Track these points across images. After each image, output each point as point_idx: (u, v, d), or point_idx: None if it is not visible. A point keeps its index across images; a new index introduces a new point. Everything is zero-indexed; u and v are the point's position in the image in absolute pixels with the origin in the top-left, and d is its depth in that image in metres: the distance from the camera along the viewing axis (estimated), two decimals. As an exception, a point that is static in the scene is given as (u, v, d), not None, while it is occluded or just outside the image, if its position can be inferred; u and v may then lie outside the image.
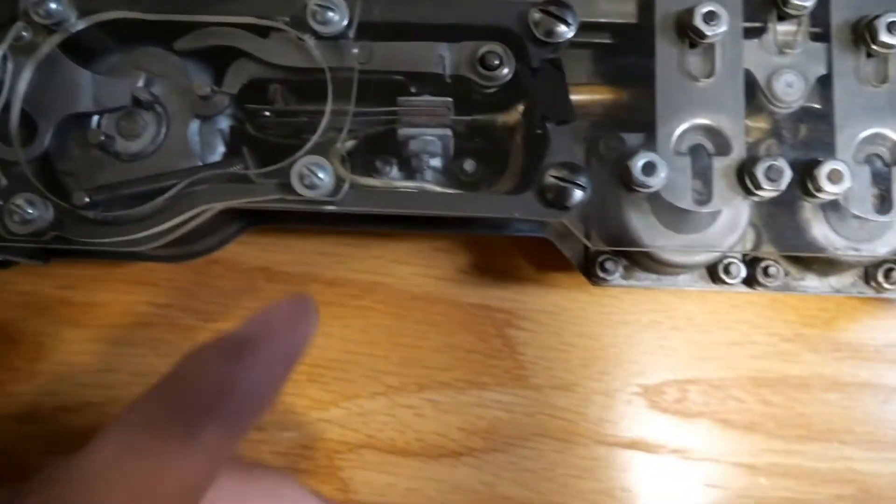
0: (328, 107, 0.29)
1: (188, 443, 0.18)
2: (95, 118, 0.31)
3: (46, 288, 0.40)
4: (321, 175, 0.28)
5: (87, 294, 0.40)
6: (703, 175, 0.29)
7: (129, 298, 0.40)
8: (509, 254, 0.40)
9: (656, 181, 0.28)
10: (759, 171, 0.28)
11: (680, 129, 0.29)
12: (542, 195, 0.28)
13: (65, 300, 0.40)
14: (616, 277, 0.33)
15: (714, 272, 0.33)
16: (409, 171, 0.33)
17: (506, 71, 0.29)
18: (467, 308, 0.39)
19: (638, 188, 0.28)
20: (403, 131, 0.29)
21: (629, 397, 0.39)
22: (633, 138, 0.33)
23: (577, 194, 0.28)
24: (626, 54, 0.33)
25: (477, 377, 0.39)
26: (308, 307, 0.22)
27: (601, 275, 0.33)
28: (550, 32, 0.29)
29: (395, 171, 0.33)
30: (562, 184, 0.28)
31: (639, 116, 0.31)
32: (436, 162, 0.32)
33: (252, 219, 0.35)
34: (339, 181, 0.28)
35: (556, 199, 0.28)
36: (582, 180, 0.28)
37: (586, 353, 0.39)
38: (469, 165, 0.33)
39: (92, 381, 0.39)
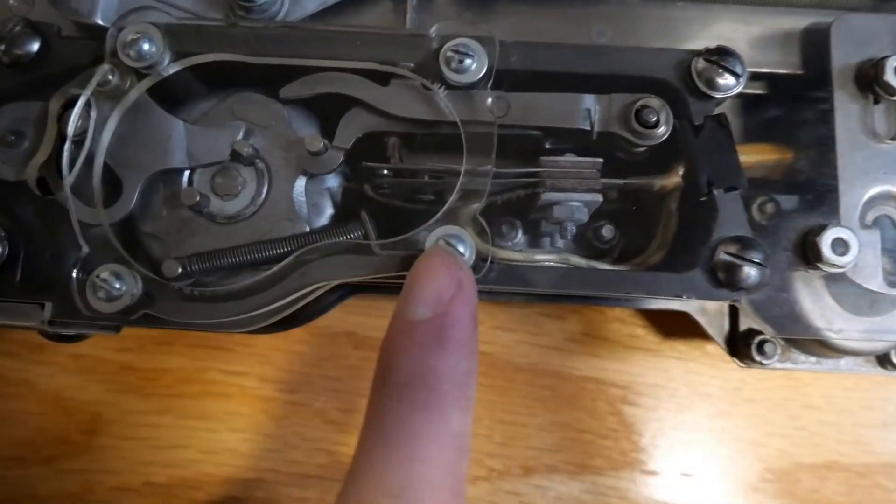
0: (463, 167, 0.25)
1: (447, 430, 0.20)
2: (186, 174, 0.27)
3: (106, 351, 0.36)
4: (462, 249, 0.24)
5: (151, 359, 0.36)
6: (891, 251, 0.26)
7: (199, 365, 0.36)
8: (623, 321, 0.36)
9: (847, 259, 0.24)
10: (969, 249, 0.24)
11: (865, 197, 0.26)
12: (712, 273, 0.25)
13: (126, 365, 0.36)
14: (774, 361, 0.29)
15: (885, 356, 0.29)
16: (535, 234, 0.29)
17: (663, 129, 0.26)
18: (578, 381, 0.35)
19: (824, 267, 0.24)
20: (547, 195, 0.26)
21: (759, 484, 0.35)
22: (786, 200, 0.29)
23: (753, 274, 0.24)
24: (779, 106, 0.29)
25: (589, 460, 0.35)
26: (455, 258, 0.23)
27: (757, 358, 0.29)
28: (715, 84, 0.25)
29: (519, 236, 0.30)
30: (737, 262, 0.24)
31: (799, 177, 0.28)
32: (571, 226, 0.28)
33: (351, 286, 0.31)
34: (481, 256, 0.24)
35: (729, 279, 0.24)
36: (758, 257, 0.24)
37: (710, 433, 0.35)
38: (607, 231, 0.29)
39: (156, 459, 0.35)
